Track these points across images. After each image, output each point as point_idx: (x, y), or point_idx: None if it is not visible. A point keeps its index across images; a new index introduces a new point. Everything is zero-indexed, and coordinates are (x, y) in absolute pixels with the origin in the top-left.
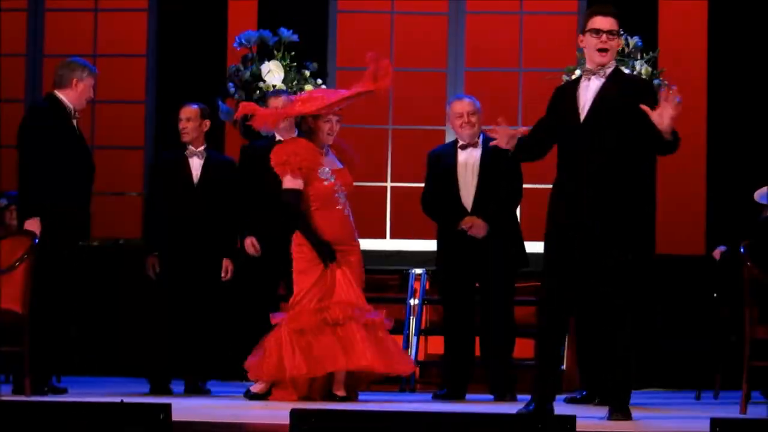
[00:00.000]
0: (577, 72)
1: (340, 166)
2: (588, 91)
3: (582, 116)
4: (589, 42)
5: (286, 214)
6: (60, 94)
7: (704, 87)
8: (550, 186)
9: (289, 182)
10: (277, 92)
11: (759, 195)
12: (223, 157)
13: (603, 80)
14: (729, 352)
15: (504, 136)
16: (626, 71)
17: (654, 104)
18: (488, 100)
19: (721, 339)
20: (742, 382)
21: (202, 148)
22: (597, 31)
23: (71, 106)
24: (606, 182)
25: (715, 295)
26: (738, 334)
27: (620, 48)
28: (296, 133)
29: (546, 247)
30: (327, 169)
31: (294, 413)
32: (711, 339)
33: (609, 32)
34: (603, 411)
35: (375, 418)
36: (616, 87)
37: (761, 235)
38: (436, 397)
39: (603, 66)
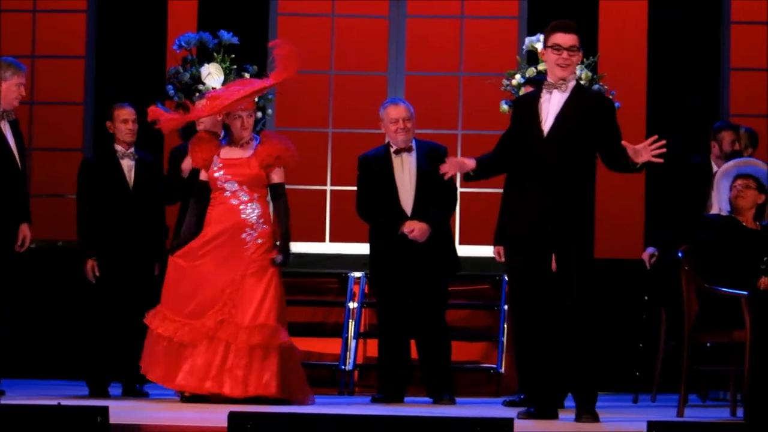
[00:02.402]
0: (518, 77)
1: (242, 157)
2: (550, 104)
3: (545, 130)
4: (549, 57)
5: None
6: None
7: (644, 92)
8: (488, 191)
9: (201, 175)
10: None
11: (723, 174)
12: (149, 157)
13: (566, 95)
14: (666, 356)
15: (454, 167)
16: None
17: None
18: (429, 104)
19: (657, 343)
20: (679, 385)
21: (133, 149)
22: (558, 48)
23: None
24: (568, 195)
25: (646, 298)
26: (677, 338)
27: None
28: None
29: (509, 262)
30: (216, 158)
31: (232, 416)
32: (648, 342)
33: (569, 49)
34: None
35: (313, 421)
36: (578, 101)
37: (704, 237)
38: (375, 401)
39: (564, 80)
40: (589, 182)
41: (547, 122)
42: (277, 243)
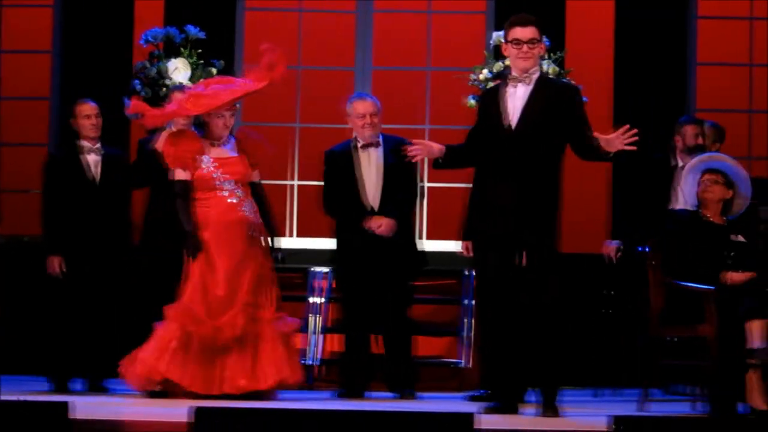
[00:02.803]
0: (485, 71)
1: (232, 155)
2: (515, 98)
3: (512, 124)
4: (511, 52)
5: (176, 204)
6: None
7: (611, 87)
8: (455, 185)
9: (177, 174)
10: (181, 87)
11: (690, 169)
12: (115, 151)
13: (530, 87)
14: (629, 350)
15: (423, 150)
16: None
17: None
18: (396, 99)
19: (621, 337)
20: (642, 379)
21: (98, 144)
22: (517, 42)
23: None
24: (535, 188)
25: (612, 292)
26: (641, 332)
27: (542, 53)
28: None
29: (478, 258)
30: (207, 157)
31: (197, 411)
32: (611, 337)
33: (529, 42)
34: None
35: (276, 415)
36: (543, 94)
37: (669, 232)
38: (338, 396)
39: (528, 72)
40: (557, 175)
41: (513, 116)
42: (272, 240)
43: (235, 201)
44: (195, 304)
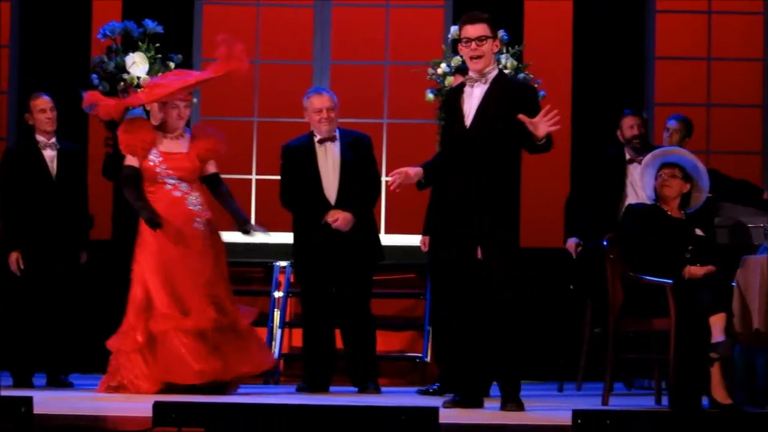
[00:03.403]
0: (443, 65)
1: (181, 151)
2: (472, 98)
3: (468, 125)
4: (463, 51)
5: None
6: None
7: (569, 80)
8: None
9: (127, 159)
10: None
11: (648, 163)
12: (73, 146)
13: (486, 87)
14: (592, 344)
15: (399, 178)
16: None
17: (535, 107)
18: (354, 93)
19: (583, 331)
20: (605, 374)
21: (54, 139)
22: (467, 40)
23: None
24: (493, 186)
25: (571, 287)
26: (602, 326)
27: (498, 50)
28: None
29: (435, 254)
30: (155, 150)
31: (157, 406)
32: (573, 331)
33: (478, 39)
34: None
35: (237, 410)
36: (499, 92)
37: (629, 226)
38: (300, 390)
39: (482, 73)
40: (514, 173)
41: (469, 116)
42: (242, 221)
43: (179, 195)
44: (158, 301)
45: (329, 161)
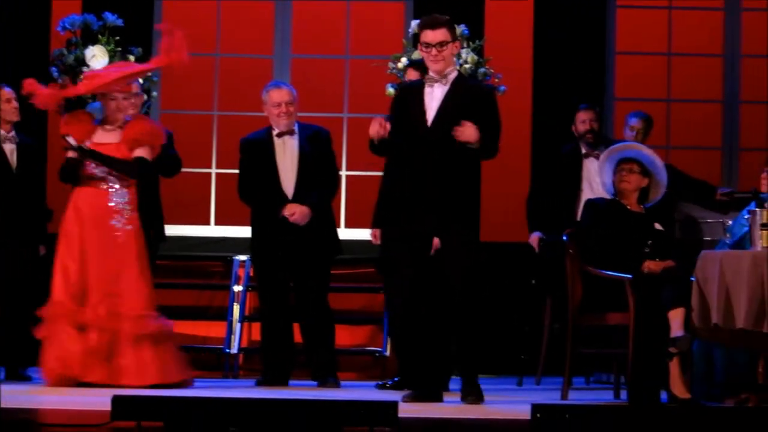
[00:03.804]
0: (404, 60)
1: (111, 142)
2: (433, 98)
3: (428, 124)
4: (423, 54)
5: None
6: None
7: (530, 75)
8: (372, 174)
9: (68, 152)
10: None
11: (606, 158)
12: (29, 140)
13: (447, 87)
14: (551, 339)
15: (382, 130)
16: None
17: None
18: (315, 87)
19: (543, 326)
20: (564, 368)
21: (13, 132)
22: (427, 45)
23: None
24: (452, 184)
25: (533, 282)
26: (561, 321)
27: (457, 52)
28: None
29: (385, 246)
30: (88, 142)
31: (115, 400)
32: (533, 326)
33: (438, 45)
34: None
35: (197, 404)
36: (459, 94)
37: (588, 220)
38: (260, 384)
39: (443, 74)
40: (474, 172)
41: (429, 116)
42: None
43: (104, 188)
44: (60, 294)
45: (287, 155)
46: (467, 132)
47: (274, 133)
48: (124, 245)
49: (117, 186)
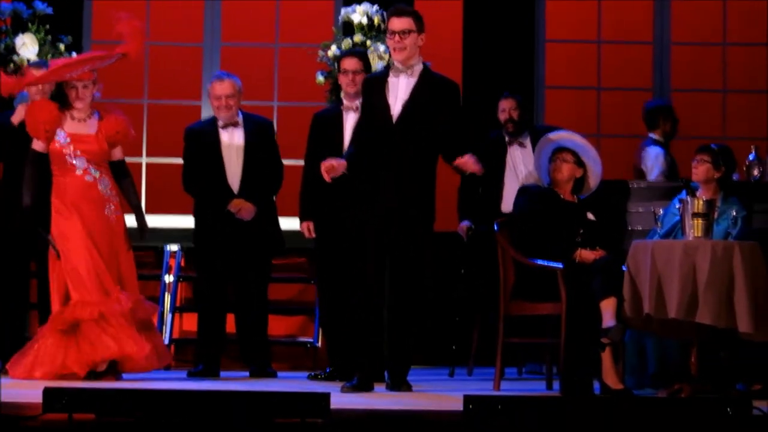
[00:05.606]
0: (333, 48)
1: (89, 133)
2: (398, 89)
3: (394, 116)
4: (389, 43)
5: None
6: None
7: (459, 63)
8: (295, 163)
9: (34, 143)
10: (38, 63)
11: (542, 147)
12: None
13: (414, 80)
14: (483, 329)
15: (332, 173)
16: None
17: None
18: (244, 75)
19: (474, 315)
20: (495, 358)
21: None
22: (391, 32)
23: None
24: (414, 177)
25: (462, 271)
26: (493, 310)
27: (422, 43)
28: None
29: (320, 238)
30: (63, 132)
31: (47, 392)
32: (464, 315)
33: (401, 32)
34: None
35: (128, 396)
36: (426, 88)
37: (522, 208)
38: (191, 375)
39: (407, 65)
40: (434, 163)
41: (395, 108)
42: (139, 218)
43: (90, 180)
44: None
45: (233, 148)
46: (469, 164)
47: (220, 124)
48: (119, 232)
49: (98, 174)
